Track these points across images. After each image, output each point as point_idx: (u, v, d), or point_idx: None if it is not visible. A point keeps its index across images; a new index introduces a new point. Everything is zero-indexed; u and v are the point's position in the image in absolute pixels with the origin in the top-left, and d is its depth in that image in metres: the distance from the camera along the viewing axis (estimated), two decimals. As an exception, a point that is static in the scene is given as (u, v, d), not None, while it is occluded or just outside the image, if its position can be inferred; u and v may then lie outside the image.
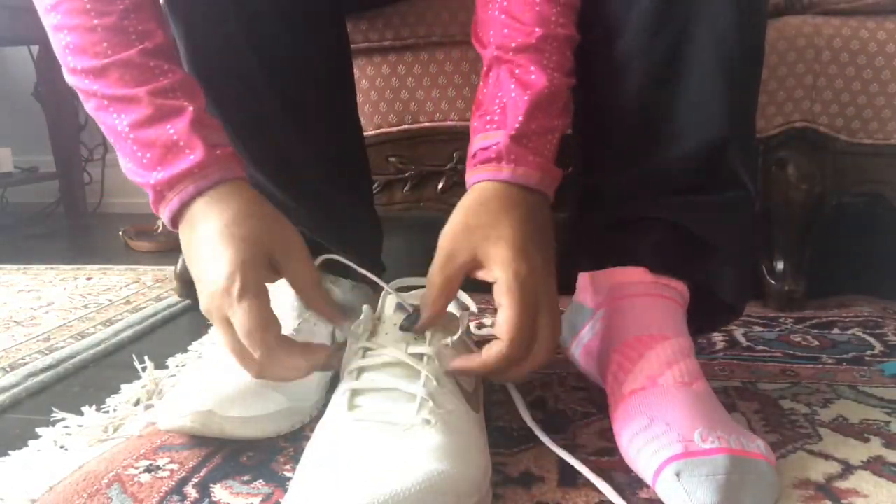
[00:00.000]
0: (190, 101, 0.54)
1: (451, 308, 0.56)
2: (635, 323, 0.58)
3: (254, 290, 0.50)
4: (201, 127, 0.53)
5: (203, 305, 0.52)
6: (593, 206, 0.64)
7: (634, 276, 0.60)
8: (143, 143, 0.53)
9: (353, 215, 0.75)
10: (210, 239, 0.51)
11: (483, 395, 0.61)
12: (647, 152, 0.60)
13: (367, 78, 0.93)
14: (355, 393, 0.51)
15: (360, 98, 0.91)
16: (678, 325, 0.58)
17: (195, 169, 0.52)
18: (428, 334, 0.53)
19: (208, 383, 0.60)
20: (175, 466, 0.57)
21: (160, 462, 0.57)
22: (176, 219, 0.54)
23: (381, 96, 0.93)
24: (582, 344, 0.65)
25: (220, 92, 0.65)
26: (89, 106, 0.55)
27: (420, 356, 0.52)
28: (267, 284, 0.53)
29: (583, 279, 0.66)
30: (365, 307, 0.56)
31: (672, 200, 0.60)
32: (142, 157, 0.53)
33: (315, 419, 0.63)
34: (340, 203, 0.73)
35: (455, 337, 0.54)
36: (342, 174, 0.74)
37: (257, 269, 0.51)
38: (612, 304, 0.61)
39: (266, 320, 0.51)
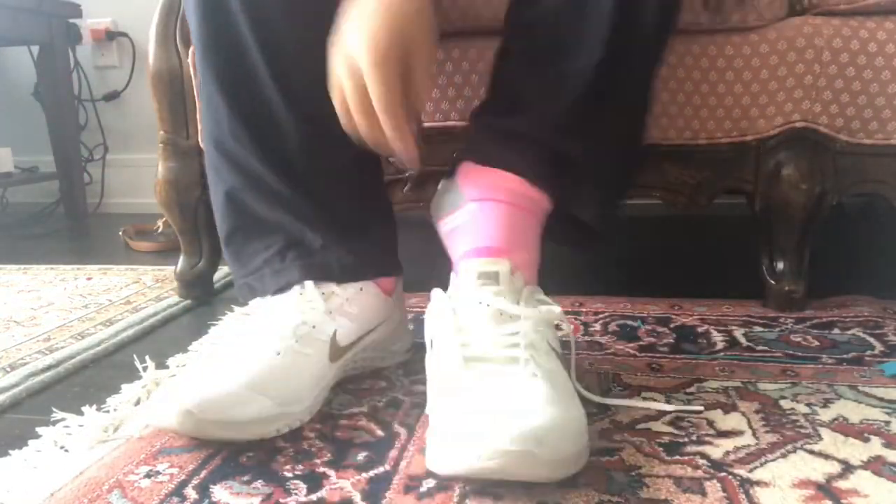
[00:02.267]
0: None
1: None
2: (488, 233, 0.64)
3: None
4: None
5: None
6: (494, 108, 0.70)
7: (507, 182, 0.65)
8: None
9: (360, 216, 0.75)
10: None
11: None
12: (550, 62, 0.65)
13: (367, 78, 0.93)
14: (465, 358, 0.57)
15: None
16: (527, 240, 0.65)
17: None
18: (521, 309, 0.60)
19: (192, 384, 0.59)
20: (175, 470, 0.57)
21: (160, 467, 0.58)
22: None
23: (381, 96, 0.93)
24: (448, 226, 0.69)
25: (227, 84, 0.67)
26: None
27: (515, 333, 0.59)
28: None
29: (464, 167, 0.69)
30: (437, 291, 0.64)
31: (556, 119, 0.66)
32: None
33: (308, 424, 0.63)
34: (350, 207, 0.73)
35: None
36: (350, 173, 0.73)
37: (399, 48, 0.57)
38: (480, 203, 0.66)
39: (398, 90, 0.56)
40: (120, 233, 1.58)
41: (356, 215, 0.74)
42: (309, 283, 0.69)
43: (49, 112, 1.94)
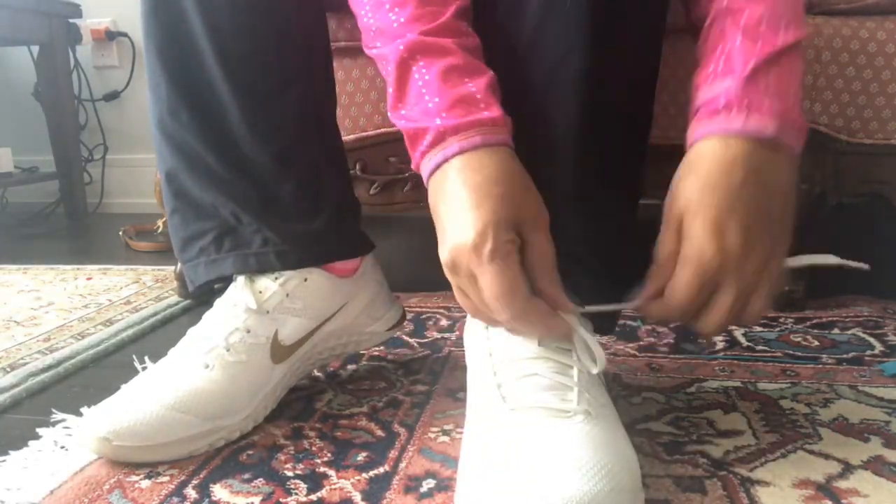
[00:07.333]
0: (486, 66, 0.54)
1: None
2: None
3: (504, 252, 0.48)
4: (495, 90, 0.53)
5: (447, 259, 0.50)
6: None
7: None
8: (438, 90, 0.51)
9: (307, 198, 0.70)
10: (465, 192, 0.50)
11: None
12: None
13: (367, 78, 0.93)
14: (502, 385, 0.52)
15: (359, 98, 0.92)
16: None
17: (488, 122, 0.51)
18: (580, 328, 0.54)
19: (110, 409, 0.58)
20: (175, 471, 0.57)
21: (160, 467, 0.58)
22: (437, 167, 0.52)
23: (381, 96, 0.93)
24: None
25: (168, 58, 0.66)
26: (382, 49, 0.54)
27: (568, 351, 0.53)
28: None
29: None
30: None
31: None
32: (429, 101, 0.52)
33: (248, 434, 0.62)
34: (295, 189, 0.69)
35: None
36: (294, 152, 0.69)
37: (508, 230, 0.49)
38: None
39: (514, 283, 0.48)
40: (120, 233, 1.58)
41: (302, 197, 0.69)
42: (239, 284, 0.66)
43: (49, 112, 1.94)
